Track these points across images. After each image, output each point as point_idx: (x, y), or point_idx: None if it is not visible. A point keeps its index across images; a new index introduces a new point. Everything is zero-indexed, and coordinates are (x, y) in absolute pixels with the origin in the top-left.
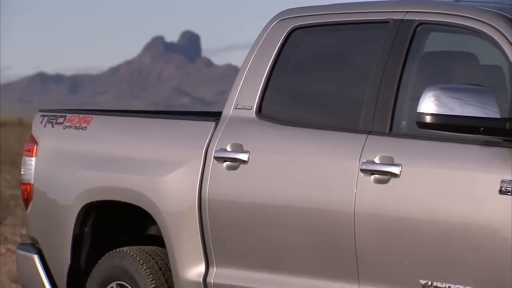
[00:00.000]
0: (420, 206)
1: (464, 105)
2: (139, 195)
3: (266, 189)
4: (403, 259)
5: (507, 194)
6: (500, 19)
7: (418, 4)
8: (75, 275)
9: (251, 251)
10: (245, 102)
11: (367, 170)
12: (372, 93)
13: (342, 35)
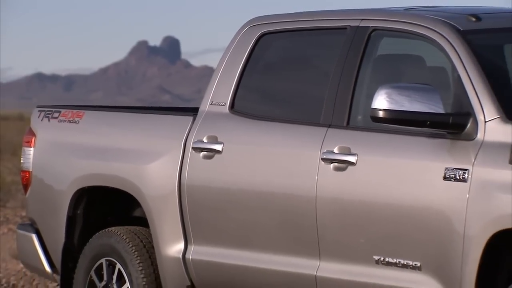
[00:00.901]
0: (374, 191)
1: (413, 101)
2: (125, 181)
3: (238, 176)
4: (359, 238)
5: (450, 180)
6: (445, 26)
7: (372, 12)
8: (69, 252)
9: (224, 231)
10: (220, 99)
11: (327, 159)
12: (332, 91)
13: (306, 40)
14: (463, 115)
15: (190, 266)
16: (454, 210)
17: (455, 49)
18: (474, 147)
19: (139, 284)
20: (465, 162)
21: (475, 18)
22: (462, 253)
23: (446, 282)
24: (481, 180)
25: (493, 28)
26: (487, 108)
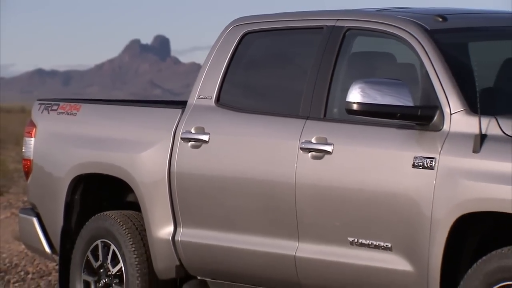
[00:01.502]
0: (349, 178)
1: (384, 95)
2: (119, 169)
3: (224, 164)
4: (335, 221)
5: (418, 168)
6: (414, 25)
7: (347, 13)
8: (67, 234)
9: (211, 215)
10: (206, 93)
11: (305, 148)
12: (310, 85)
13: (286, 38)
14: (430, 108)
15: (179, 247)
16: (422, 195)
17: (423, 47)
18: (440, 137)
19: (132, 264)
20: (432, 151)
21: (442, 18)
22: (430, 235)
23: (415, 262)
24: (447, 168)
25: (458, 27)
26: (452, 101)
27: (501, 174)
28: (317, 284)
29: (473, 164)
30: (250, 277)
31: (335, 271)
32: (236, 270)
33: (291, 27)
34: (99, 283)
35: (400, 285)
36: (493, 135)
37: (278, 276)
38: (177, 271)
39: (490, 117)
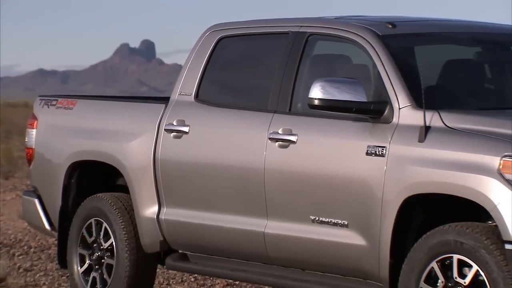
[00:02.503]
0: (311, 164)
1: (342, 92)
2: (110, 156)
3: (202, 152)
4: (298, 202)
5: (371, 155)
6: (367, 31)
7: (309, 20)
8: (64, 214)
9: (191, 196)
10: (187, 90)
11: (273, 138)
12: (277, 83)
13: (256, 42)
14: (381, 103)
15: (163, 224)
16: (375, 179)
17: (375, 50)
18: (390, 129)
19: (122, 239)
20: (383, 140)
21: (391, 25)
22: (381, 213)
23: (368, 237)
24: (396, 155)
25: (406, 33)
26: (401, 97)
27: (442, 161)
28: (283, 257)
29: (419, 152)
30: (225, 251)
31: (299, 245)
32: (213, 245)
33: (261, 33)
34: (92, 256)
35: (355, 258)
36: (436, 127)
37: (250, 250)
38: (161, 245)
39: (433, 111)
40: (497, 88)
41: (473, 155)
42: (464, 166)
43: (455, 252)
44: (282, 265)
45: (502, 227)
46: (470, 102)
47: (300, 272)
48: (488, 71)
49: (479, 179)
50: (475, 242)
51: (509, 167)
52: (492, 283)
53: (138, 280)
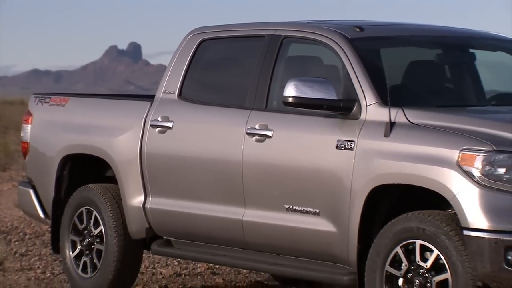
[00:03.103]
0: (285, 157)
1: (314, 91)
2: (100, 150)
3: (185, 145)
4: (274, 192)
5: (341, 149)
6: (337, 34)
7: (284, 24)
8: (57, 203)
9: (174, 186)
10: (171, 89)
11: (250, 133)
12: (254, 83)
13: (235, 45)
14: (350, 101)
15: (148, 213)
16: (344, 171)
17: (344, 52)
18: (358, 124)
19: (110, 227)
20: (352, 135)
21: (359, 29)
22: (350, 203)
23: (338, 224)
24: (363, 149)
25: (373, 36)
26: (368, 95)
27: (406, 154)
28: (260, 243)
29: (384, 146)
30: (206, 237)
31: (274, 232)
32: (195, 231)
33: (239, 35)
34: (83, 242)
35: (326, 243)
36: (400, 122)
37: (229, 236)
38: (147, 232)
39: (397, 108)
40: (456, 87)
41: (434, 148)
42: (426, 159)
43: (417, 238)
44: (259, 250)
45: (460, 214)
46: (431, 100)
47: (275, 257)
48: (447, 72)
49: (440, 171)
50: (436, 229)
51: (467, 160)
52: (451, 266)
53: (125, 264)
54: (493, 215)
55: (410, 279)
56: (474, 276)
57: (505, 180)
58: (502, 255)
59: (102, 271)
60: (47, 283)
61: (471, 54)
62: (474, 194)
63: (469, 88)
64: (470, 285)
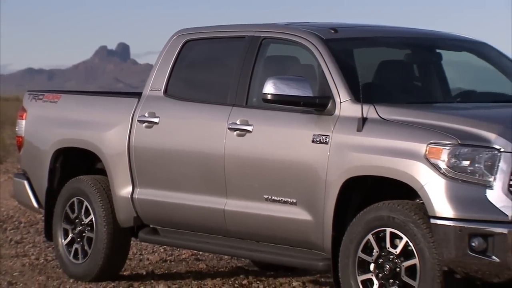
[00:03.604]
0: (265, 150)
1: (291, 88)
2: (90, 143)
3: (170, 140)
4: (254, 183)
5: (316, 143)
6: (313, 36)
7: (263, 26)
8: (50, 193)
9: (160, 178)
10: (157, 86)
11: (232, 128)
12: (235, 81)
13: (217, 45)
14: (325, 98)
15: (136, 203)
16: (319, 163)
17: (319, 52)
18: (333, 120)
19: (100, 216)
20: (327, 130)
21: (334, 31)
22: (325, 193)
23: (314, 213)
24: (337, 143)
25: (346, 37)
26: (341, 93)
27: (377, 147)
28: (241, 231)
29: (357, 140)
30: (190, 225)
31: (254, 220)
32: (179, 220)
33: (221, 36)
34: (75, 230)
35: (303, 231)
36: (372, 118)
37: (211, 224)
38: (135, 221)
39: (369, 105)
40: (424, 85)
41: (403, 142)
42: (395, 152)
43: (388, 226)
44: (240, 238)
45: (428, 204)
46: (401, 97)
47: (255, 244)
48: (416, 70)
49: (408, 163)
50: (405, 217)
51: (434, 153)
52: (419, 252)
53: (114, 251)
54: (458, 205)
55: (380, 264)
56: (440, 262)
57: (469, 172)
58: (466, 241)
59: (93, 258)
60: (40, 268)
61: (437, 54)
62: (440, 185)
63: (436, 86)
64: (436, 270)
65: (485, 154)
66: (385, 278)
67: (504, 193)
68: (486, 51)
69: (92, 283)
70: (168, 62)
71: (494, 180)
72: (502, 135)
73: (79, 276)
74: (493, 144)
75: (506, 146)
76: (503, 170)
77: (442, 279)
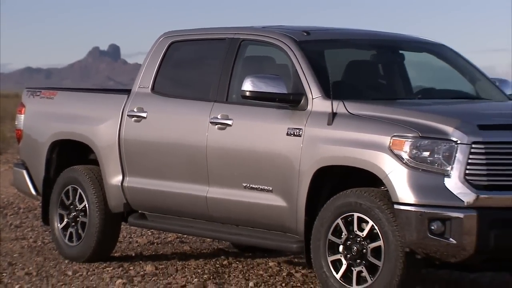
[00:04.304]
0: (243, 142)
1: (268, 86)
2: (84, 136)
3: (157, 132)
4: (233, 172)
5: (291, 136)
6: (287, 38)
7: (242, 29)
8: (47, 182)
9: (148, 168)
10: (145, 84)
11: (213, 122)
12: (217, 79)
13: (200, 46)
14: (298, 94)
15: (126, 190)
16: (293, 154)
17: (293, 53)
18: (305, 114)
19: (93, 202)
20: (300, 124)
21: (306, 33)
22: (298, 181)
23: (288, 200)
24: (309, 135)
25: (318, 39)
26: (313, 90)
27: (346, 140)
28: (221, 216)
29: (327, 133)
30: (175, 211)
31: (234, 206)
32: (166, 206)
33: (204, 38)
34: (69, 215)
35: (278, 216)
36: (341, 113)
37: (195, 210)
38: (124, 207)
39: (339, 101)
40: (388, 83)
41: (369, 135)
42: (362, 144)
43: (355, 211)
44: (220, 222)
45: (391, 191)
46: (368, 94)
47: (235, 228)
48: (381, 70)
49: (374, 154)
50: (371, 203)
51: (397, 145)
52: (384, 235)
53: (106, 235)
54: (418, 192)
55: (349, 246)
56: (403, 243)
57: (429, 162)
58: (426, 225)
59: (86, 240)
60: (38, 250)
61: (400, 55)
62: (403, 174)
63: (399, 83)
64: (399, 251)
65: (444, 145)
66: (353, 259)
67: (460, 181)
68: (444, 52)
69: (86, 263)
70: (155, 61)
71: (452, 170)
72: (458, 129)
73: (74, 257)
74: (451, 137)
75: (462, 138)
76: (459, 160)
77: (404, 259)
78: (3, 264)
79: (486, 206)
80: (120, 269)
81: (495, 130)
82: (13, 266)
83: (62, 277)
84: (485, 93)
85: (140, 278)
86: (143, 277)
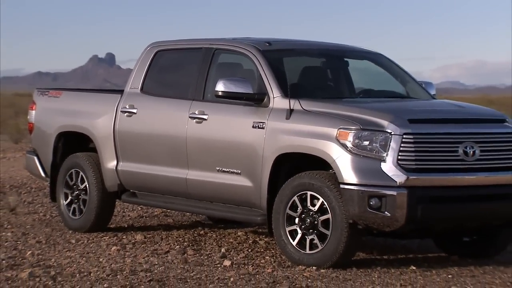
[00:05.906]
0: (216, 133)
1: (237, 87)
2: (85, 128)
3: (145, 126)
4: (208, 158)
5: (256, 128)
6: (252, 47)
7: (215, 40)
8: (54, 166)
9: (138, 154)
10: (135, 85)
11: (192, 117)
12: (195, 81)
13: (181, 54)
14: (262, 94)
15: (119, 173)
16: (258, 143)
17: (258, 60)
18: (268, 111)
19: (92, 183)
20: (263, 118)
21: (268, 44)
22: (262, 165)
23: (253, 181)
24: (271, 128)
25: (278, 49)
26: (274, 90)
27: (301, 131)
28: (199, 194)
29: (286, 126)
30: (161, 190)
31: (209, 186)
32: (153, 186)
33: (184, 48)
34: (73, 194)
35: (245, 194)
36: (297, 109)
37: (177, 189)
38: (118, 187)
39: (295, 99)
40: (335, 85)
41: (320, 128)
42: (314, 135)
43: (308, 190)
44: (198, 199)
45: (338, 173)
46: (318, 94)
47: (210, 204)
48: (329, 74)
49: (324, 143)
50: (321, 184)
51: (343, 135)
52: (332, 210)
53: (103, 210)
54: (360, 174)
55: (303, 218)
56: (347, 216)
57: (369, 150)
58: (366, 201)
59: (86, 215)
60: (47, 222)
61: (345, 62)
62: (347, 159)
63: (344, 85)
64: (344, 222)
65: (380, 136)
66: (306, 229)
67: (394, 165)
68: (381, 60)
69: (86, 233)
70: (144, 67)
71: (387, 156)
72: (392, 122)
73: (77, 228)
74: (386, 129)
75: (395, 130)
76: (393, 148)
77: (348, 229)
78: (18, 234)
79: (415, 185)
80: (115, 238)
81: (422, 124)
82: (26, 236)
83: (67, 244)
84: (414, 93)
85: (132, 245)
86: (134, 244)
